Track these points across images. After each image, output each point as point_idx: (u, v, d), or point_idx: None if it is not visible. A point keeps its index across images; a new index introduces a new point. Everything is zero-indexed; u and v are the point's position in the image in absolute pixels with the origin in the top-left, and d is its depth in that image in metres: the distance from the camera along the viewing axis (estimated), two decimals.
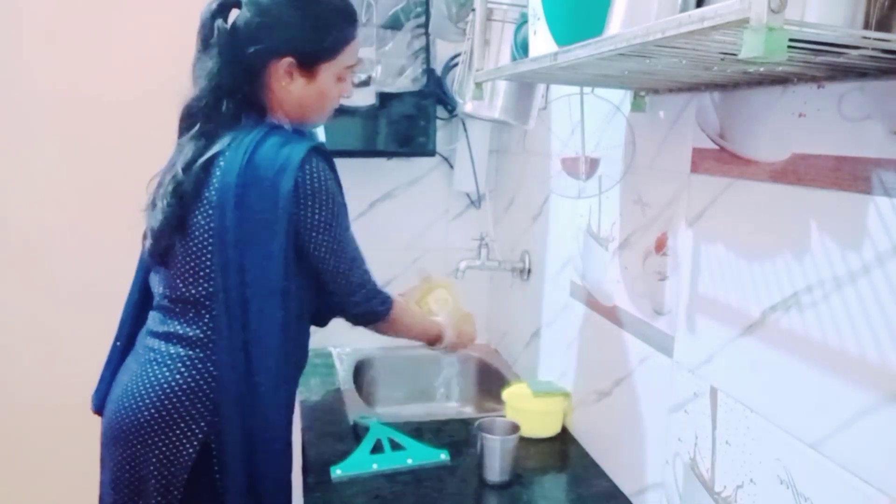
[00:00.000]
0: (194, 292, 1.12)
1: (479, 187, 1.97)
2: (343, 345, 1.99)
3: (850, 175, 0.74)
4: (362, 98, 1.74)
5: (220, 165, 1.10)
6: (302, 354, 1.25)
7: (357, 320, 1.27)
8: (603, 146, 1.31)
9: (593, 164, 1.34)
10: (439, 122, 1.93)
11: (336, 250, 1.16)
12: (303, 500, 1.25)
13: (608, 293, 1.32)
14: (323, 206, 1.12)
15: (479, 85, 1.19)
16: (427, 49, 1.78)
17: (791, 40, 0.49)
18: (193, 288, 1.12)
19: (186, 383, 1.11)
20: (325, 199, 1.12)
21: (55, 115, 1.82)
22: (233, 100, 1.14)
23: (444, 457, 1.35)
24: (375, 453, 1.34)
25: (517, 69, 1.01)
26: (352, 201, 1.20)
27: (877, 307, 0.70)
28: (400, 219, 2.01)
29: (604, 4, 0.77)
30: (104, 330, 1.29)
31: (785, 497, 0.84)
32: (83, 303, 1.84)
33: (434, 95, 1.86)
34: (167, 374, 1.12)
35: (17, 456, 1.92)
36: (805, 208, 0.81)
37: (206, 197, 1.10)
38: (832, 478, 0.76)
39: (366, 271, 1.22)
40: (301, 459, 1.37)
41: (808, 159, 0.80)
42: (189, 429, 1.11)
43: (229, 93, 1.14)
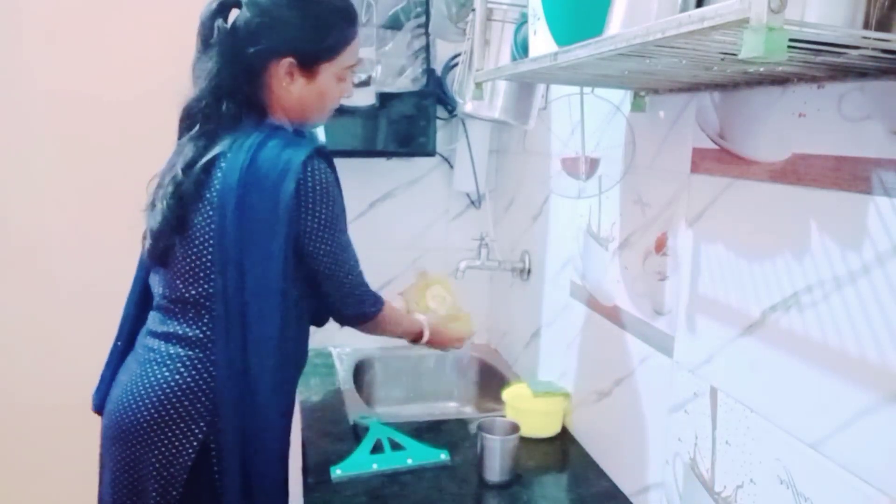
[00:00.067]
0: (194, 293, 1.12)
1: (479, 187, 1.97)
2: (343, 345, 1.99)
3: (850, 175, 0.74)
4: (362, 98, 1.74)
5: (222, 167, 1.10)
6: (301, 355, 1.26)
7: (348, 321, 1.28)
8: (603, 146, 1.31)
9: (593, 164, 1.34)
10: (439, 122, 1.93)
11: (334, 253, 1.16)
12: (303, 500, 1.25)
13: (608, 293, 1.32)
14: (324, 208, 1.12)
15: (479, 85, 1.19)
16: (427, 49, 1.78)
17: (791, 40, 0.49)
18: (193, 288, 1.12)
19: (186, 383, 1.11)
20: (326, 201, 1.13)
21: (55, 115, 1.82)
22: (233, 100, 1.14)
23: (444, 457, 1.35)
24: (375, 453, 1.34)
25: (517, 69, 1.01)
26: (352, 201, 1.20)
27: (877, 307, 0.70)
28: (400, 219, 2.01)
29: (604, 4, 0.77)
30: (104, 330, 1.29)
31: (785, 497, 0.84)
32: (83, 303, 1.84)
33: (434, 95, 1.86)
34: (167, 374, 1.12)
35: (17, 456, 1.92)
36: (805, 208, 0.81)
37: (206, 198, 1.10)
38: (832, 478, 0.76)
39: (359, 273, 1.23)
40: (301, 459, 1.37)
41: (808, 159, 0.80)
42: (189, 428, 1.11)
43: (229, 93, 1.14)
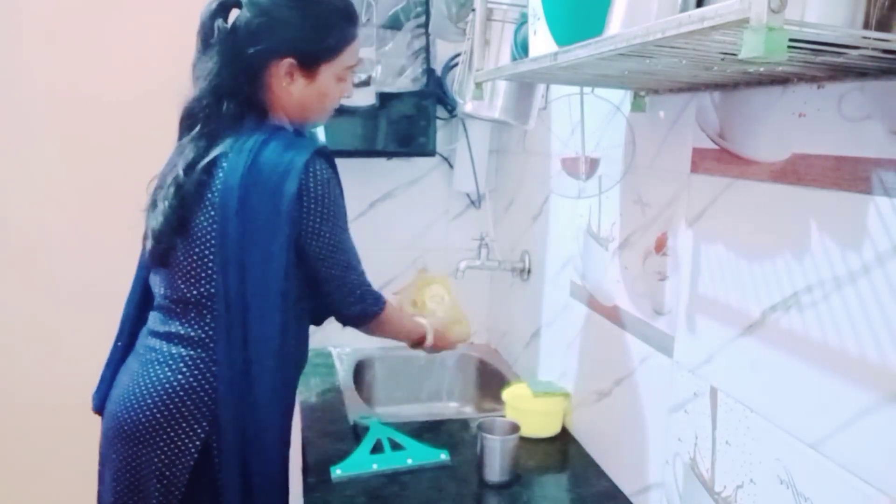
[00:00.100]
0: (196, 293, 1.12)
1: (479, 187, 1.97)
2: (343, 345, 1.99)
3: (850, 175, 0.74)
4: (362, 98, 1.74)
5: (223, 167, 1.10)
6: (302, 355, 1.25)
7: (350, 321, 1.27)
8: (603, 146, 1.31)
9: (593, 164, 1.34)
10: (439, 122, 1.93)
11: (335, 253, 1.16)
12: (303, 500, 1.25)
13: (608, 293, 1.32)
14: (325, 209, 1.13)
15: (479, 85, 1.19)
16: (427, 49, 1.78)
17: (791, 40, 0.49)
18: (195, 288, 1.12)
19: (189, 383, 1.11)
20: (328, 202, 1.13)
21: (55, 115, 1.82)
22: (233, 100, 1.14)
23: (444, 457, 1.35)
24: (375, 453, 1.34)
25: (517, 69, 1.01)
26: (352, 201, 1.20)
27: (877, 307, 0.70)
28: (400, 219, 2.01)
29: (604, 4, 0.77)
30: (104, 330, 1.29)
31: (785, 497, 0.84)
32: (83, 303, 1.84)
33: (434, 95, 1.86)
34: (169, 373, 1.12)
35: (17, 456, 1.92)
36: (805, 208, 0.81)
37: (208, 198, 1.10)
38: (832, 478, 0.76)
39: (361, 273, 1.23)
40: (301, 459, 1.37)
41: (808, 159, 0.80)
42: (191, 428, 1.11)
43: (230, 93, 1.13)
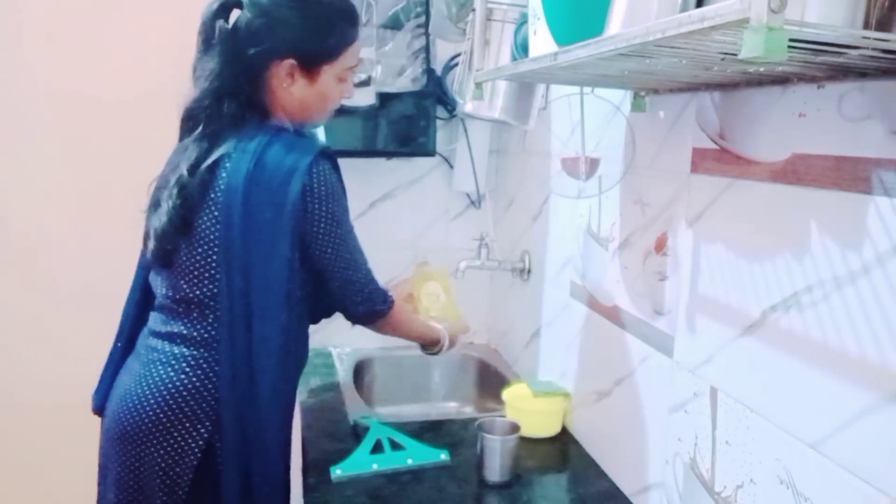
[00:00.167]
0: (198, 293, 1.12)
1: (479, 187, 1.97)
2: (343, 345, 1.99)
3: (850, 175, 0.74)
4: (362, 98, 1.74)
5: (226, 167, 1.10)
6: (302, 354, 1.26)
7: (359, 320, 1.27)
8: (603, 146, 1.31)
9: (593, 164, 1.34)
10: (439, 122, 1.93)
11: (340, 253, 1.16)
12: (303, 500, 1.25)
13: (608, 293, 1.32)
14: (329, 209, 1.13)
15: (479, 85, 1.19)
16: (427, 49, 1.78)
17: (791, 40, 0.49)
18: (198, 289, 1.12)
19: (192, 383, 1.11)
20: (332, 202, 1.13)
21: (55, 115, 1.82)
22: (234, 101, 1.14)
23: (444, 457, 1.35)
24: (375, 453, 1.34)
25: (517, 69, 1.01)
26: (352, 201, 1.20)
27: (877, 307, 0.70)
28: (400, 219, 2.01)
29: (604, 4, 0.77)
30: (104, 330, 1.29)
31: (785, 497, 0.84)
32: (83, 303, 1.84)
33: (434, 95, 1.86)
34: (171, 374, 1.12)
35: (17, 456, 1.92)
36: (805, 208, 0.81)
37: (211, 199, 1.10)
38: (832, 478, 0.76)
39: (368, 271, 1.23)
40: (301, 459, 1.37)
41: (808, 159, 0.80)
42: (194, 428, 1.11)
43: (231, 94, 1.13)
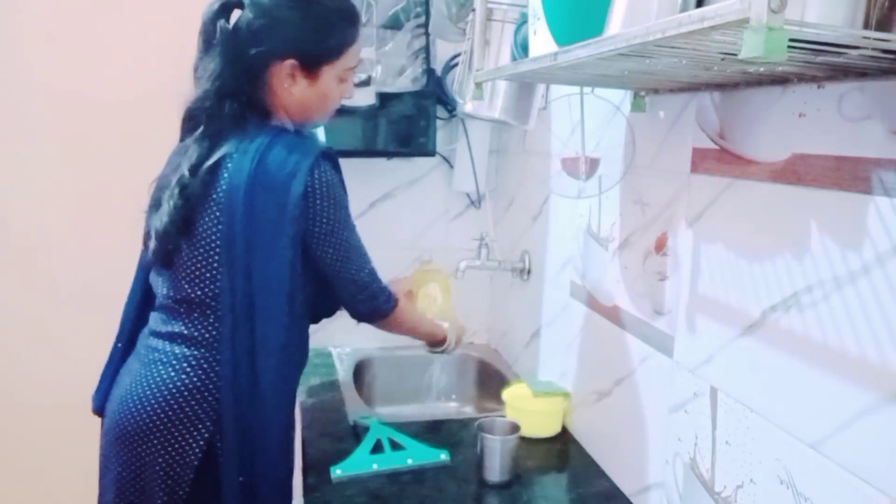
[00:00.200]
0: (200, 293, 1.12)
1: (479, 187, 1.97)
2: (343, 345, 1.99)
3: (850, 175, 0.74)
4: (362, 98, 1.73)
5: (228, 167, 1.10)
6: (303, 354, 1.26)
7: (364, 318, 1.28)
8: (603, 146, 1.31)
9: (593, 164, 1.34)
10: (439, 122, 1.93)
11: (343, 252, 1.17)
12: (303, 500, 1.25)
13: (608, 293, 1.32)
14: (331, 209, 1.13)
15: (479, 85, 1.19)
16: (427, 49, 1.78)
17: (791, 40, 0.49)
18: (199, 289, 1.12)
19: (192, 383, 1.11)
20: (334, 202, 1.13)
21: (55, 115, 1.82)
22: (235, 101, 1.14)
23: (444, 457, 1.35)
24: (375, 453, 1.34)
25: (517, 69, 1.01)
26: (352, 201, 1.20)
27: (877, 307, 0.70)
28: (400, 219, 2.01)
29: (604, 4, 0.77)
30: (104, 330, 1.29)
31: (785, 497, 0.84)
32: (83, 303, 1.84)
33: (434, 95, 1.86)
34: (172, 374, 1.12)
35: (17, 456, 1.92)
36: (805, 208, 0.81)
37: (213, 199, 1.10)
38: (832, 478, 0.76)
39: (371, 270, 1.23)
40: (301, 459, 1.37)
41: (808, 159, 0.80)
42: (195, 428, 1.11)
43: (232, 94, 1.14)
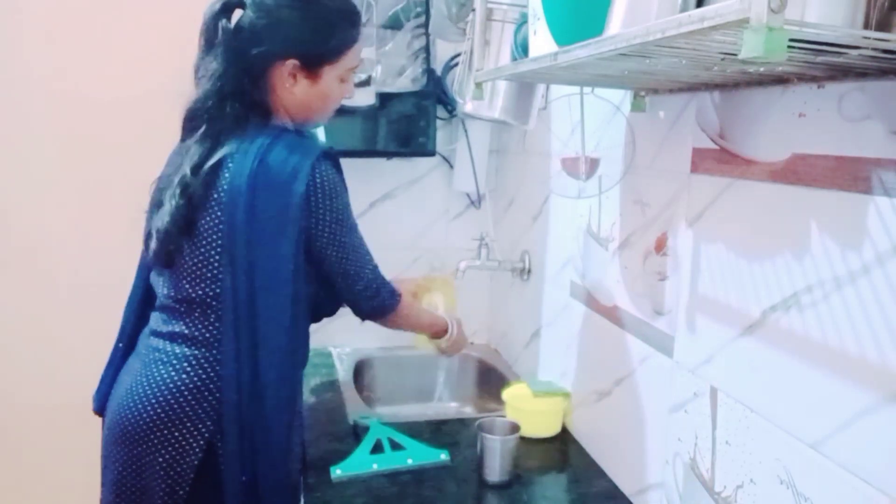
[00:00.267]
0: (200, 293, 1.12)
1: (479, 187, 1.97)
2: (343, 345, 1.99)
3: (850, 175, 0.74)
4: (362, 98, 1.74)
5: (229, 168, 1.10)
6: (304, 353, 1.25)
7: (368, 315, 1.28)
8: (603, 146, 1.31)
9: (593, 164, 1.34)
10: (439, 122, 1.93)
11: (345, 251, 1.17)
12: (303, 500, 1.25)
13: (608, 293, 1.32)
14: (333, 208, 1.13)
15: (479, 85, 1.19)
16: (427, 49, 1.78)
17: (791, 40, 0.49)
18: (200, 289, 1.12)
19: (193, 383, 1.11)
20: (335, 201, 1.14)
21: (55, 115, 1.82)
22: (237, 101, 1.14)
23: (444, 457, 1.35)
24: (375, 453, 1.34)
25: (517, 69, 1.01)
26: (352, 201, 1.20)
27: (877, 307, 0.70)
28: (400, 219, 2.01)
29: (604, 4, 0.77)
30: (104, 330, 1.29)
31: (785, 497, 0.84)
32: (83, 303, 1.84)
33: (434, 95, 1.86)
34: (173, 373, 1.12)
35: (17, 456, 1.92)
36: (805, 208, 0.81)
37: (214, 199, 1.10)
38: (832, 478, 0.76)
39: (375, 267, 1.23)
40: (301, 460, 1.37)
41: (808, 159, 0.80)
42: (195, 428, 1.11)
43: (233, 94, 1.13)
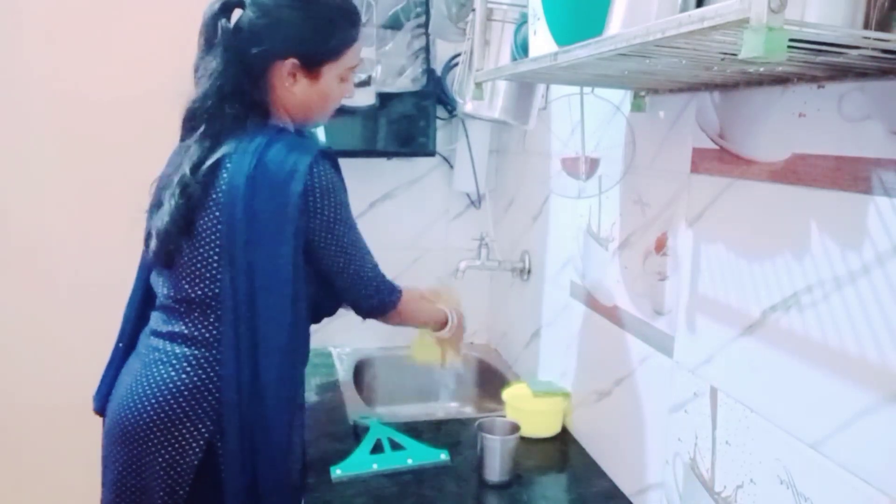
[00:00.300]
0: (200, 293, 1.12)
1: (479, 187, 1.97)
2: (343, 345, 1.99)
3: (850, 175, 0.74)
4: (362, 98, 1.73)
5: (228, 167, 1.10)
6: (304, 353, 1.25)
7: (370, 314, 1.28)
8: (603, 146, 1.31)
9: (593, 164, 1.34)
10: (439, 122, 1.93)
11: (344, 250, 1.17)
12: (303, 500, 1.25)
13: (608, 293, 1.32)
14: (331, 207, 1.13)
15: (479, 85, 1.19)
16: (427, 49, 1.78)
17: (791, 40, 0.49)
18: (199, 289, 1.12)
19: (192, 382, 1.11)
20: (333, 200, 1.14)
21: (55, 115, 1.82)
22: (236, 101, 1.14)
23: (444, 457, 1.35)
24: (375, 453, 1.34)
25: (517, 69, 1.01)
26: (352, 201, 1.20)
27: (877, 307, 0.70)
28: (400, 219, 2.01)
29: (604, 4, 0.77)
30: (104, 330, 1.29)
31: (785, 497, 0.84)
32: (83, 303, 1.84)
33: (434, 95, 1.86)
34: (172, 373, 1.12)
35: (17, 456, 1.92)
36: (805, 208, 0.81)
37: (213, 199, 1.10)
38: (832, 478, 0.76)
39: (375, 265, 1.23)
40: (302, 460, 1.37)
41: (808, 159, 0.80)
42: (195, 428, 1.11)
43: (233, 93, 1.13)
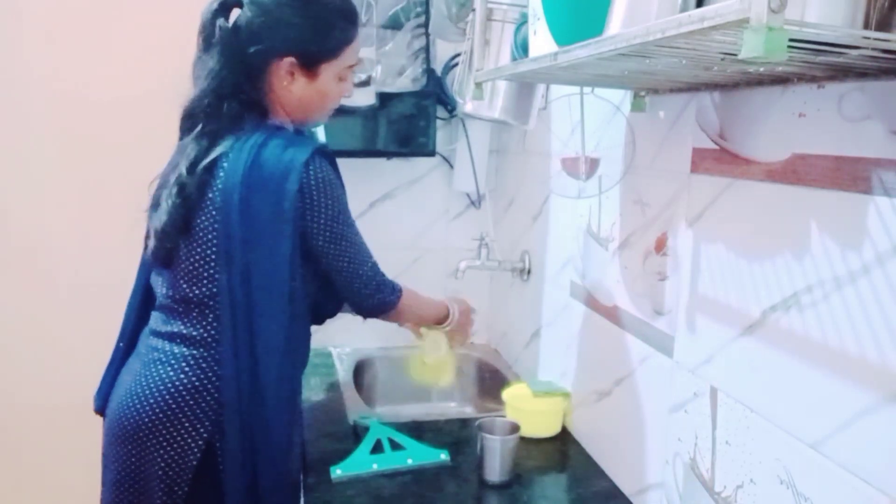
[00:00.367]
0: (198, 293, 1.12)
1: (479, 187, 1.97)
2: (343, 345, 1.99)
3: (850, 175, 0.74)
4: (362, 98, 1.74)
5: (224, 167, 1.10)
6: (304, 353, 1.26)
7: (370, 313, 1.28)
8: (603, 146, 1.31)
9: (593, 164, 1.34)
10: (439, 122, 1.93)
11: (343, 249, 1.17)
12: (303, 500, 1.25)
13: (608, 293, 1.32)
14: (328, 205, 1.13)
15: (479, 85, 1.19)
16: (427, 49, 1.78)
17: (791, 40, 0.49)
18: (197, 288, 1.12)
19: (191, 382, 1.11)
20: (330, 198, 1.13)
21: (55, 115, 1.82)
22: (234, 100, 1.14)
23: (444, 457, 1.35)
24: (375, 453, 1.34)
25: (517, 69, 1.01)
26: (352, 201, 1.21)
27: (877, 307, 0.70)
28: (400, 219, 2.01)
29: (604, 4, 0.77)
30: (104, 330, 1.29)
31: (785, 497, 0.84)
32: (83, 303, 1.84)
33: (434, 95, 1.86)
34: (171, 373, 1.12)
35: (17, 456, 1.92)
36: (805, 208, 0.81)
37: (209, 198, 1.10)
38: (832, 478, 0.76)
39: (374, 264, 1.23)
40: (301, 459, 1.37)
41: (808, 159, 0.80)
42: (194, 428, 1.11)
43: (231, 93, 1.14)
